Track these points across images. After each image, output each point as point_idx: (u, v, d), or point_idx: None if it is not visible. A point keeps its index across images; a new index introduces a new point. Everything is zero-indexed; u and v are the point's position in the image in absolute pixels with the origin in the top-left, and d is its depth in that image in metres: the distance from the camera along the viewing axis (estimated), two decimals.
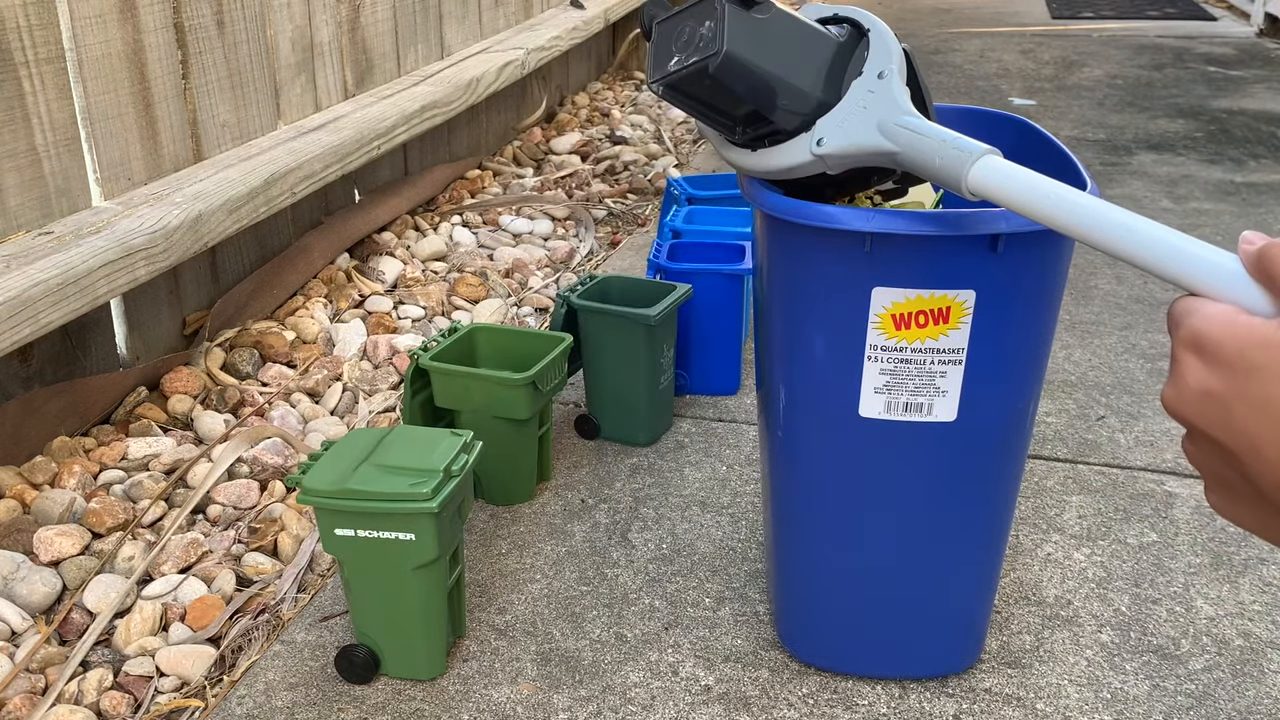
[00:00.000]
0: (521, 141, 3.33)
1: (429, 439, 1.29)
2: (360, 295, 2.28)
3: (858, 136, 0.96)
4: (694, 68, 0.96)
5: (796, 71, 0.98)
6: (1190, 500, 1.64)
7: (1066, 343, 2.14)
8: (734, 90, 0.97)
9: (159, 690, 1.30)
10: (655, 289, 1.79)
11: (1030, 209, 0.77)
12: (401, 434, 1.31)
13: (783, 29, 0.98)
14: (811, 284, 1.10)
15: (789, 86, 0.98)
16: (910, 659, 1.27)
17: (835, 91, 0.98)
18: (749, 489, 1.66)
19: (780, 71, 0.97)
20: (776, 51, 0.97)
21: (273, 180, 1.95)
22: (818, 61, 0.99)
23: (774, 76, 0.97)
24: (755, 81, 0.97)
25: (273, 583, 1.46)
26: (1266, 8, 5.23)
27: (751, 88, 0.97)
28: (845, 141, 0.96)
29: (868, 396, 1.12)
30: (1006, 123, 1.42)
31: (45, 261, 1.53)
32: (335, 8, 2.38)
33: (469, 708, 1.25)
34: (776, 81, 0.97)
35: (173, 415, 1.80)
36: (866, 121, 0.96)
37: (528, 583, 1.46)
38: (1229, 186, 3.06)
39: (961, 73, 4.45)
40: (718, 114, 1.02)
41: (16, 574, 1.41)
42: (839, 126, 0.97)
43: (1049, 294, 1.11)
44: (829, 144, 0.97)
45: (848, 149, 0.96)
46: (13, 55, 1.58)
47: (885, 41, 0.99)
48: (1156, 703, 1.25)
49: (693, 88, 0.99)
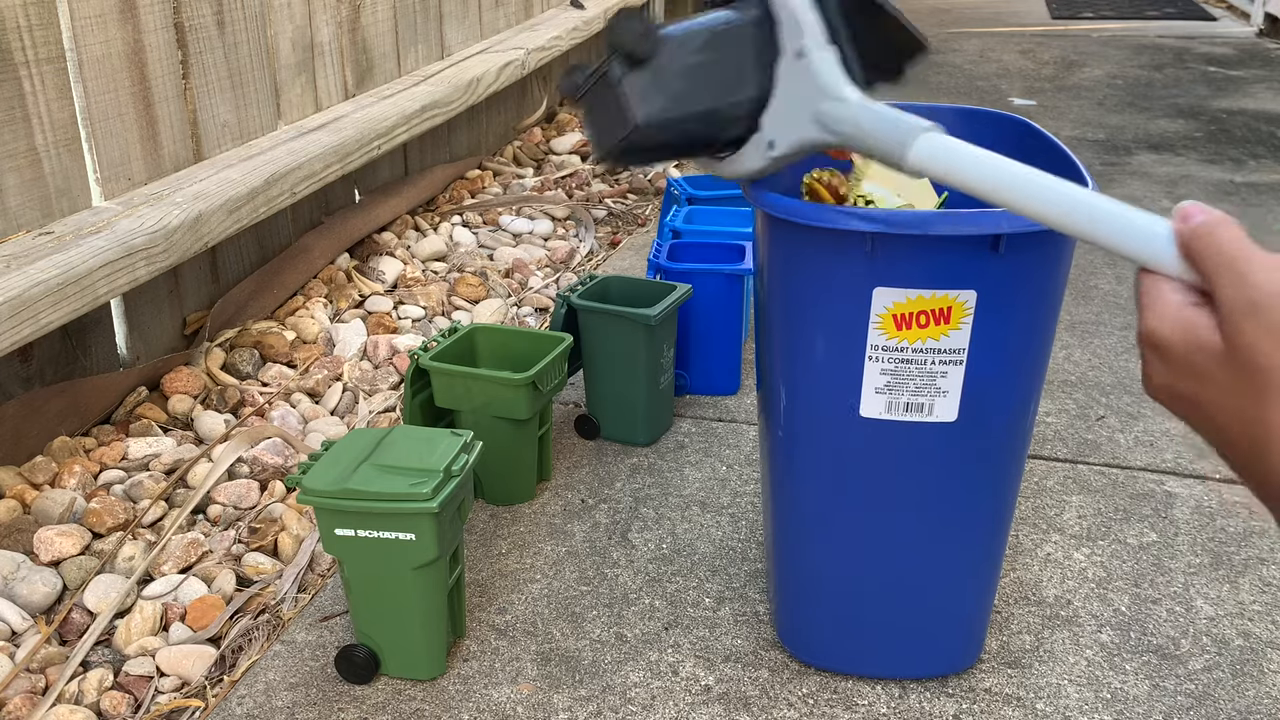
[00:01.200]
0: (522, 141, 3.33)
1: (429, 439, 1.29)
2: (360, 295, 2.27)
3: (801, 132, 0.92)
4: (622, 143, 0.93)
5: (718, 92, 0.94)
6: (1190, 500, 1.64)
7: (1066, 343, 2.14)
8: (669, 141, 0.95)
9: (159, 690, 1.30)
10: (655, 289, 1.79)
11: (973, 185, 0.75)
12: (401, 434, 1.31)
13: (683, 57, 0.93)
14: (813, 284, 1.10)
15: (717, 112, 0.94)
16: (910, 659, 1.27)
17: (767, 80, 0.94)
18: (749, 489, 1.66)
19: (703, 104, 0.94)
20: (689, 86, 0.93)
21: (273, 180, 1.95)
22: (734, 65, 0.94)
23: (698, 113, 0.94)
24: (684, 126, 0.94)
25: (273, 583, 1.46)
26: (1266, 8, 5.23)
27: (683, 132, 0.95)
28: (793, 140, 0.93)
29: (869, 397, 1.12)
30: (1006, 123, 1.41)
31: (45, 261, 1.53)
32: (335, 8, 2.38)
33: (469, 708, 1.25)
34: (704, 114, 0.94)
35: (173, 415, 1.80)
36: (802, 114, 0.92)
37: (528, 583, 1.46)
38: (1229, 186, 3.06)
39: (961, 73, 4.45)
40: (675, 154, 1.01)
41: (17, 574, 1.41)
42: (783, 124, 0.94)
43: (1050, 294, 1.11)
44: (780, 146, 0.94)
45: (797, 147, 0.94)
46: (13, 55, 1.58)
47: (791, 10, 0.92)
48: (1156, 703, 1.25)
49: (633, 154, 0.97)
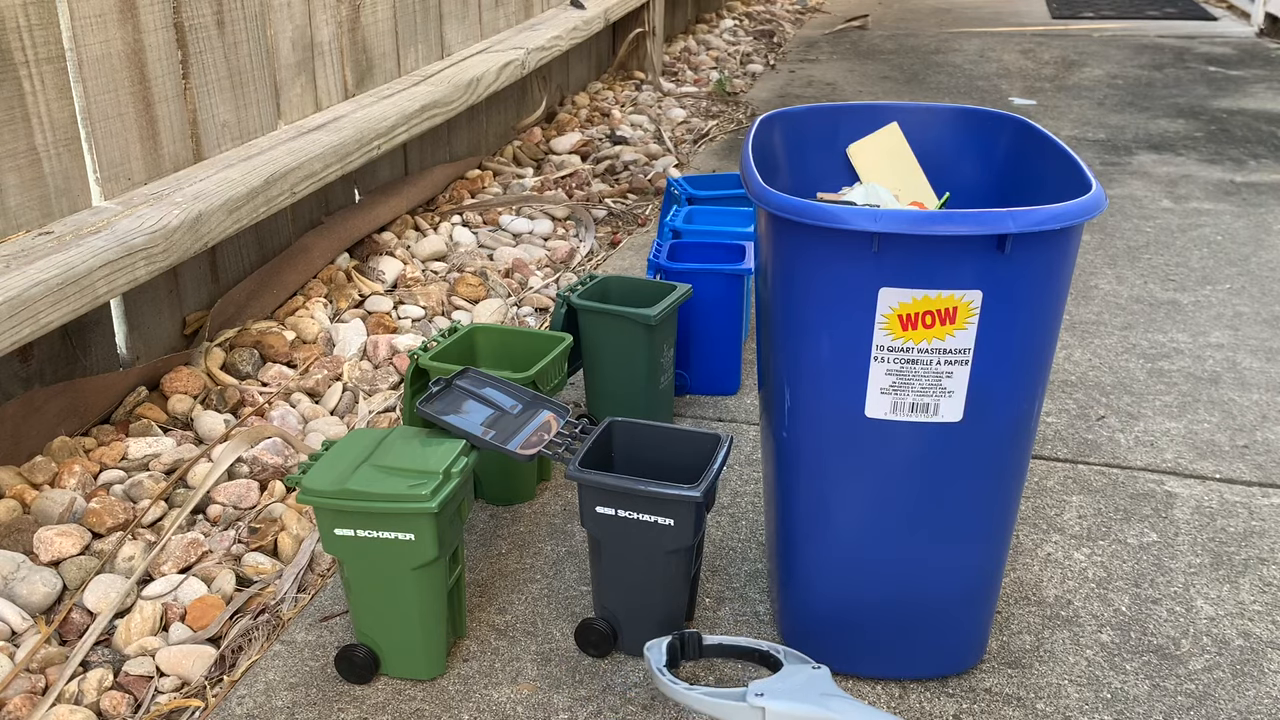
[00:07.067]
0: (521, 141, 3.33)
1: (429, 440, 1.29)
2: (360, 295, 2.27)
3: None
4: None
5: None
6: (1190, 500, 1.64)
7: (1066, 343, 2.14)
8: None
9: (159, 690, 1.30)
10: (655, 289, 1.79)
11: None
12: (401, 434, 1.31)
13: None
14: (817, 284, 1.10)
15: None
16: (910, 659, 1.27)
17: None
18: (749, 489, 1.66)
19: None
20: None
21: (273, 180, 1.95)
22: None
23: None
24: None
25: (273, 583, 1.46)
26: (1266, 8, 5.23)
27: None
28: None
29: (874, 397, 1.12)
30: (1007, 123, 1.42)
31: (45, 261, 1.53)
32: (335, 8, 2.38)
33: (469, 708, 1.25)
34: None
35: (173, 415, 1.80)
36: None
37: (528, 583, 1.46)
38: (1229, 186, 3.06)
39: (961, 73, 4.45)
40: None
41: (16, 574, 1.41)
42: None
43: (1055, 294, 1.11)
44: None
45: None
46: (13, 55, 1.58)
47: None
48: (1156, 703, 1.25)
49: None
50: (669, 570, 1.28)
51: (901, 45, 5.03)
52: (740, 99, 4.02)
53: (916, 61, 4.67)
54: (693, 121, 3.69)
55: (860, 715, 1.08)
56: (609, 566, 1.30)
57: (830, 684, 1.13)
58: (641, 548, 1.27)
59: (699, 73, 4.39)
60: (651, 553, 1.27)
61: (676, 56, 4.67)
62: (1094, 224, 2.76)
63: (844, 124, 1.47)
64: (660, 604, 1.29)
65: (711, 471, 1.25)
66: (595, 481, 1.25)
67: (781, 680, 1.13)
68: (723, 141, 3.51)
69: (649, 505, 1.24)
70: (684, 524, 1.24)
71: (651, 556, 1.27)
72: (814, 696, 1.10)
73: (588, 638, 1.31)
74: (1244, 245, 2.63)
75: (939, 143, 1.47)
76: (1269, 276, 2.45)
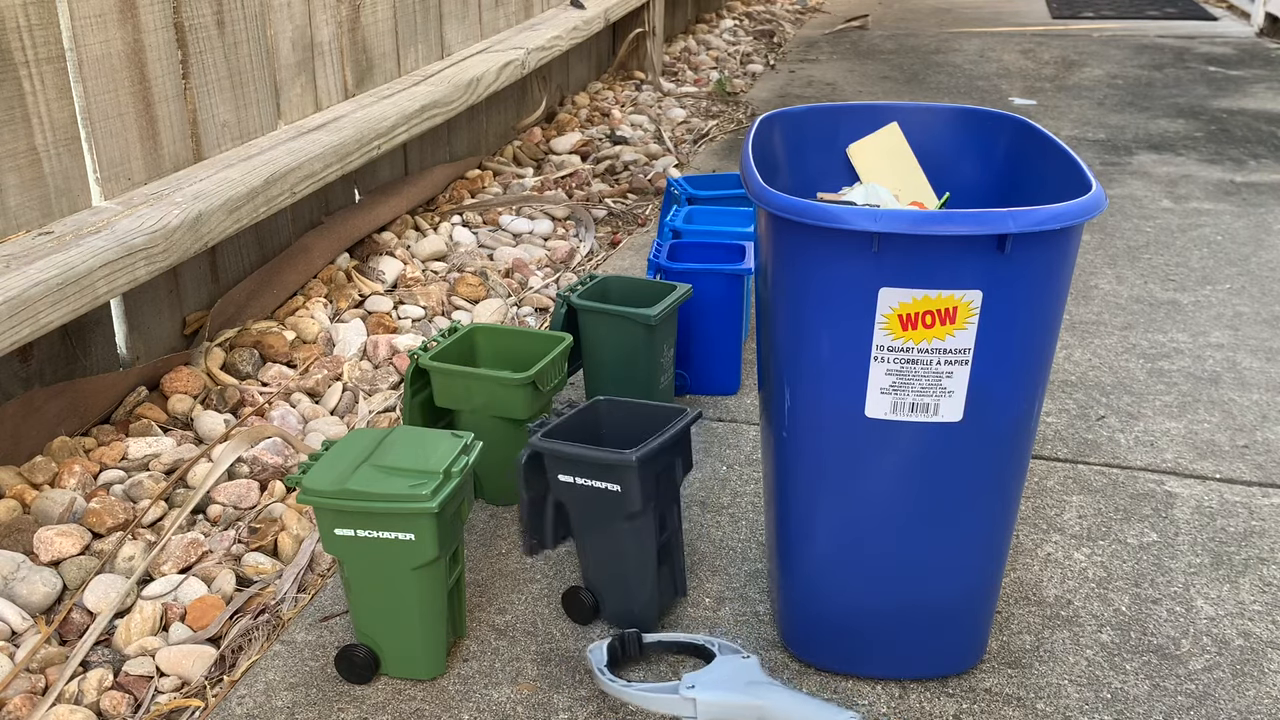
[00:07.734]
0: (521, 141, 3.33)
1: (429, 439, 1.29)
2: (360, 295, 2.27)
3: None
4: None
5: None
6: (1190, 500, 1.64)
7: (1066, 342, 2.14)
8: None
9: (159, 690, 1.30)
10: (655, 289, 1.79)
11: None
12: (401, 434, 1.31)
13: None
14: (817, 284, 1.10)
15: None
16: (910, 659, 1.27)
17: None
18: (749, 489, 1.66)
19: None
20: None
21: (273, 180, 1.95)
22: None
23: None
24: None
25: (273, 583, 1.46)
26: (1266, 8, 5.23)
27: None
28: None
29: (874, 397, 1.12)
30: (1007, 123, 1.42)
31: (45, 261, 1.53)
32: (335, 8, 2.38)
33: (469, 708, 1.25)
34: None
35: (173, 415, 1.80)
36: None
37: (528, 583, 1.46)
38: (1229, 186, 3.06)
39: (961, 73, 4.45)
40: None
41: (16, 574, 1.41)
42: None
43: (1055, 294, 1.11)
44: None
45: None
46: (13, 55, 1.58)
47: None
48: (1156, 703, 1.25)
49: None
50: (633, 539, 1.31)
51: (901, 45, 5.03)
52: (740, 99, 4.02)
53: (916, 61, 4.67)
54: (693, 121, 3.69)
55: (782, 699, 1.17)
56: (580, 535, 1.35)
57: (758, 672, 1.22)
58: (602, 515, 1.32)
59: (699, 73, 4.39)
60: (611, 519, 1.31)
61: (676, 56, 4.67)
62: (1094, 224, 2.76)
63: (844, 124, 1.47)
64: (633, 572, 1.33)
65: (658, 439, 1.29)
66: (547, 448, 1.30)
67: (711, 671, 1.22)
68: (723, 141, 3.51)
69: (595, 471, 1.29)
70: (630, 489, 1.27)
71: (612, 523, 1.32)
72: (741, 685, 1.19)
73: (571, 605, 1.38)
74: (1244, 245, 2.63)
75: (939, 143, 1.47)
76: (1269, 276, 2.45)
